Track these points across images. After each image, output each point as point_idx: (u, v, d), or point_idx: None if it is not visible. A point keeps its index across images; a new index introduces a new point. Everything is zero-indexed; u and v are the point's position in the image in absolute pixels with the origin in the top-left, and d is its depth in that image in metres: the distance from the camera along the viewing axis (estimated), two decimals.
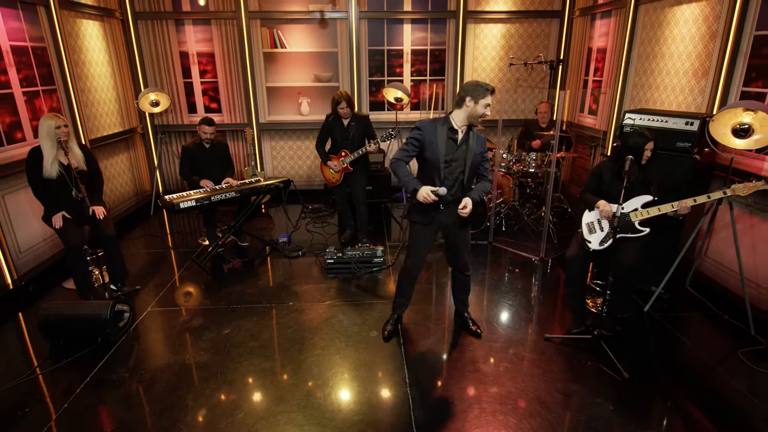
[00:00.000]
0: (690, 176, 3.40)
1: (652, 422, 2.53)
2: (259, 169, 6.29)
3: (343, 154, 4.62)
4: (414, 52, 6.22)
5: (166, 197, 4.07)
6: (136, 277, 4.16)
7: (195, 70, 6.07)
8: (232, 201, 4.34)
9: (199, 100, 6.22)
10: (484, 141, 2.88)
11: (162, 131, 6.07)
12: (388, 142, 4.67)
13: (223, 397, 2.70)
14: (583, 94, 5.88)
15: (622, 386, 2.76)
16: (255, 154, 6.19)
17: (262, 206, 6.11)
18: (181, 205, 3.96)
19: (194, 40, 5.95)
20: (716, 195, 3.02)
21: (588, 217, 3.33)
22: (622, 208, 2.84)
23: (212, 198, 4.13)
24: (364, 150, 4.53)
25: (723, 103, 3.67)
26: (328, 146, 4.78)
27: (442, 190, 2.69)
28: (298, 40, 6.12)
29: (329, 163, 4.66)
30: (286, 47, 6.09)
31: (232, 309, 3.65)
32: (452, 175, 2.79)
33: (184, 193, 4.18)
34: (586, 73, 5.80)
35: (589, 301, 3.66)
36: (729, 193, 2.98)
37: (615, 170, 3.24)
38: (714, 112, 3.70)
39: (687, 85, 4.08)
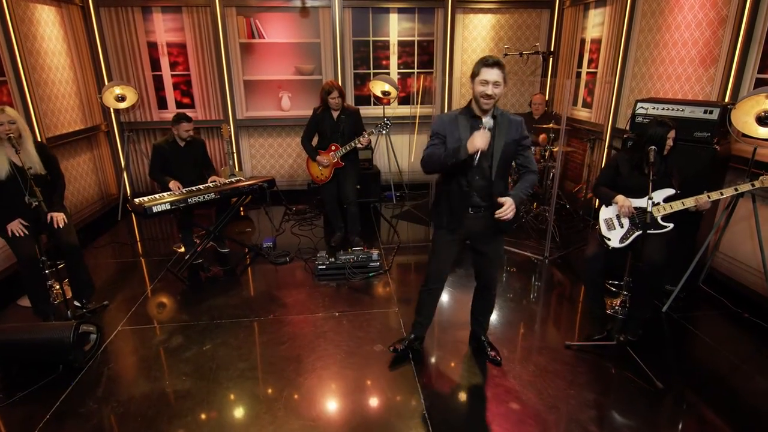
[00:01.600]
0: (709, 167, 3.21)
1: None
2: (237, 169, 5.85)
3: (333, 148, 4.29)
4: (401, 44, 5.91)
5: (136, 201, 3.63)
6: (104, 292, 3.70)
7: (165, 62, 5.59)
8: (210, 203, 3.93)
9: (170, 95, 5.74)
10: (520, 125, 2.38)
11: (129, 129, 5.56)
12: (383, 133, 4.34)
13: None
14: (576, 86, 5.70)
15: (658, 398, 2.52)
16: (233, 153, 5.75)
17: (241, 208, 5.69)
18: (154, 209, 3.52)
19: (163, 29, 5.47)
20: (744, 187, 2.82)
21: (605, 212, 3.09)
22: (652, 201, 2.59)
23: (189, 200, 3.71)
24: (355, 143, 4.22)
25: (735, 92, 3.50)
26: (314, 141, 4.44)
27: (486, 121, 2.22)
28: (277, 30, 5.71)
29: (318, 158, 4.31)
30: (264, 37, 5.68)
31: (215, 324, 3.25)
32: (479, 173, 2.36)
33: (157, 196, 3.75)
34: (580, 65, 5.62)
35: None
36: (758, 185, 2.78)
37: (634, 162, 3.02)
38: (726, 101, 3.54)
39: (693, 73, 3.91)
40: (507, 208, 2.28)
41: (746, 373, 2.78)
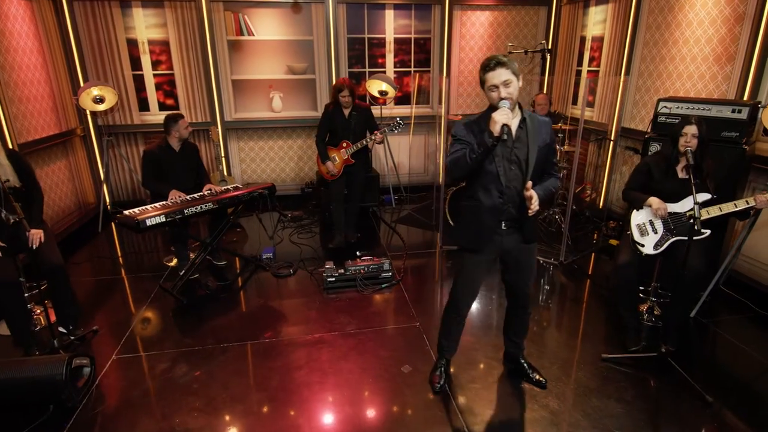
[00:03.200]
0: (738, 168, 3.12)
1: None
2: (227, 174, 5.51)
3: (344, 145, 4.23)
4: (397, 41, 5.69)
5: (126, 212, 3.28)
6: (91, 315, 3.35)
7: (146, 61, 5.20)
8: (206, 213, 3.61)
9: (152, 96, 5.35)
10: (549, 127, 2.20)
11: (108, 133, 5.14)
12: (396, 132, 4.20)
13: None
14: (576, 84, 5.61)
15: (713, 415, 2.38)
16: (222, 157, 5.42)
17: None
18: (148, 223, 3.19)
19: (144, 25, 5.08)
20: None
21: (637, 217, 2.96)
22: (699, 206, 2.44)
23: (185, 212, 3.39)
24: (368, 141, 4.21)
25: (755, 90, 3.43)
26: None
27: (504, 104, 1.99)
28: (267, 27, 5.40)
29: (328, 164, 4.25)
30: (254, 34, 5.36)
31: (222, 348, 2.95)
32: (513, 182, 2.14)
33: (149, 207, 3.42)
34: (579, 63, 5.52)
35: None
36: None
37: (666, 165, 2.90)
38: (745, 99, 3.46)
39: (708, 71, 3.83)
40: (535, 200, 2.08)
41: None
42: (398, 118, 4.17)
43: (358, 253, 4.05)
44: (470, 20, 5.72)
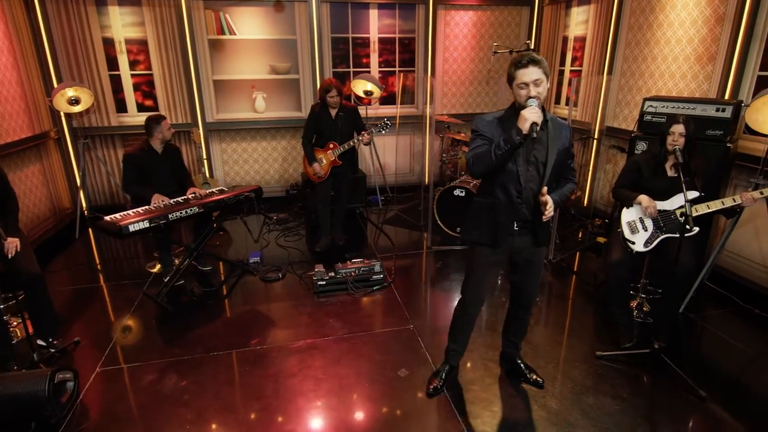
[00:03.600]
0: (723, 166, 3.18)
1: None
2: (209, 176, 5.38)
3: (331, 146, 4.14)
4: (381, 41, 5.65)
5: (108, 218, 3.15)
6: (71, 326, 3.21)
7: (123, 61, 5.04)
8: (190, 217, 3.50)
9: (130, 97, 5.18)
10: (569, 132, 2.19)
11: (84, 135, 4.96)
12: (383, 133, 4.14)
13: None
14: (559, 84, 5.67)
15: (706, 409, 2.42)
16: (204, 159, 5.28)
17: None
18: (131, 228, 3.07)
19: (121, 24, 4.91)
20: None
21: (628, 215, 2.99)
22: (690, 203, 2.47)
23: (170, 216, 3.28)
24: (355, 142, 4.12)
25: (736, 89, 3.51)
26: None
27: (532, 102, 1.96)
28: (249, 26, 5.29)
29: (314, 165, 4.16)
30: (235, 33, 5.25)
31: (212, 357, 2.86)
32: (530, 183, 2.13)
33: (131, 212, 3.29)
34: (562, 63, 5.58)
35: None
36: None
37: (655, 164, 2.94)
38: (726, 98, 3.55)
39: (689, 71, 3.91)
40: (550, 206, 2.08)
41: None
42: (386, 119, 4.11)
43: (346, 255, 4.00)
44: (454, 20, 5.72)
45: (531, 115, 1.92)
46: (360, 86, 5.27)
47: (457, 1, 5.63)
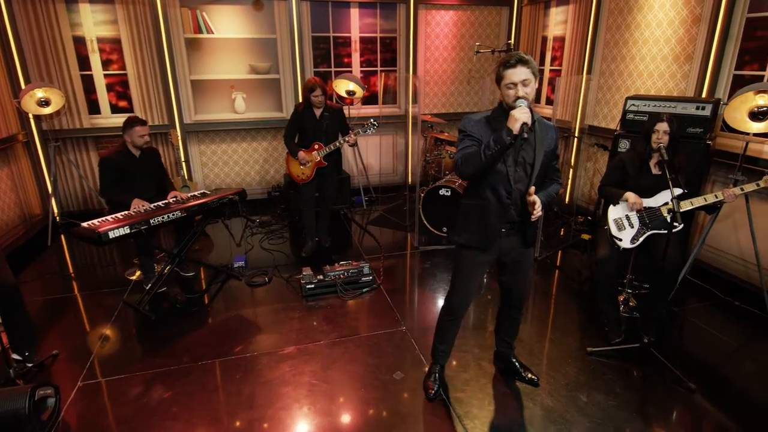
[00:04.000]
0: (703, 163, 3.27)
1: None
2: (188, 179, 5.23)
3: (316, 147, 4.05)
4: (363, 40, 5.60)
5: (85, 225, 3.02)
6: (48, 338, 3.06)
7: (95, 60, 4.85)
8: (172, 222, 3.38)
9: (103, 98, 4.99)
10: (555, 133, 2.20)
11: (55, 138, 4.75)
12: (370, 133, 4.07)
13: None
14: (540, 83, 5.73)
15: (698, 400, 2.47)
16: (183, 162, 5.14)
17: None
18: (111, 235, 2.95)
19: (92, 22, 4.72)
20: (749, 187, 2.83)
21: (614, 212, 3.03)
22: (677, 200, 2.52)
23: (151, 221, 3.16)
24: (341, 143, 4.03)
25: (712, 88, 3.62)
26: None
27: (522, 102, 1.95)
28: (228, 24, 5.17)
29: (300, 155, 4.02)
30: (213, 32, 5.12)
31: (201, 366, 2.77)
32: (518, 184, 2.12)
33: (110, 218, 3.16)
34: (542, 63, 5.65)
35: None
36: (762, 185, 2.81)
37: (640, 162, 2.99)
38: (703, 96, 3.65)
39: (667, 70, 4.00)
40: (538, 206, 2.08)
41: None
42: (372, 119, 4.05)
43: (333, 257, 3.94)
44: (435, 19, 5.73)
45: (521, 115, 1.92)
46: (342, 86, 5.21)
47: (438, 0, 5.63)
